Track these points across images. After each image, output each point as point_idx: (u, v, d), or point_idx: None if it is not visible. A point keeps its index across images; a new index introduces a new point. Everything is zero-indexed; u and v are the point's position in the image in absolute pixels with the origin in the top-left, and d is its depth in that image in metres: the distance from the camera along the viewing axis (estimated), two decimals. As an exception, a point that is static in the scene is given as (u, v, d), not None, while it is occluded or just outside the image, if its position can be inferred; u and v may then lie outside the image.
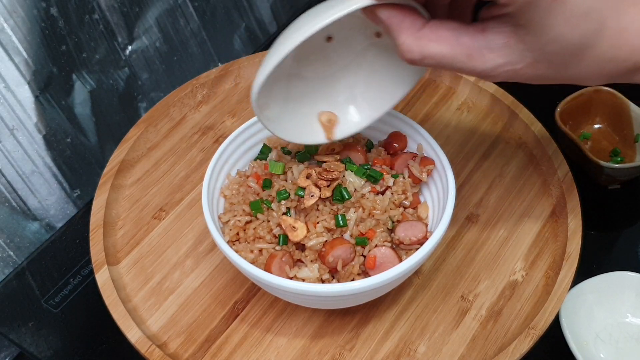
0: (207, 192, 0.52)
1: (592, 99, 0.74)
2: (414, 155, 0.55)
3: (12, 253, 0.72)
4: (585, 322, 0.59)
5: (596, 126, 0.75)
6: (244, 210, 0.52)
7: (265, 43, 0.94)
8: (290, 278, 0.48)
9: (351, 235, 0.50)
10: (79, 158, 0.77)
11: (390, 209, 0.51)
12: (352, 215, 0.50)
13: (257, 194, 0.53)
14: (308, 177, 0.51)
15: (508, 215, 0.59)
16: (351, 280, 0.48)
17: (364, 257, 0.49)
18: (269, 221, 0.51)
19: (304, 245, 0.50)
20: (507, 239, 0.58)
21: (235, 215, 0.52)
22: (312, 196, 0.50)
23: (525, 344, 0.49)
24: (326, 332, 0.52)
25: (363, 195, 0.51)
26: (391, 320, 0.53)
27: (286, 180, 0.52)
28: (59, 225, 0.76)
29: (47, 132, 0.72)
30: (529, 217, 0.59)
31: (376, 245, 0.49)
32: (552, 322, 0.51)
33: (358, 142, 0.56)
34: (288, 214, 0.50)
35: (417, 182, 0.54)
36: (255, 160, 0.57)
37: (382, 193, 0.52)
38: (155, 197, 0.62)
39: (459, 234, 0.58)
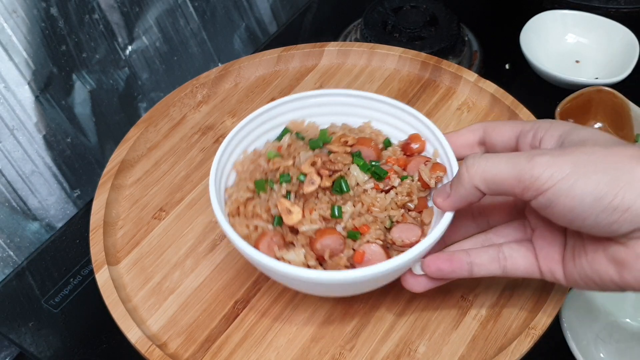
0: (219, 162, 0.52)
1: (592, 99, 0.74)
2: (427, 160, 0.54)
3: (12, 253, 0.72)
4: (585, 322, 0.59)
5: (596, 126, 0.75)
6: (248, 187, 0.53)
7: (265, 43, 0.94)
8: (277, 259, 0.48)
9: (344, 228, 0.50)
10: (79, 158, 0.78)
11: (392, 209, 0.51)
12: (348, 208, 0.50)
13: (265, 174, 0.53)
14: (313, 164, 0.51)
15: (508, 215, 0.59)
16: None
17: (355, 251, 0.49)
18: (268, 201, 0.51)
19: (297, 229, 0.50)
20: (507, 239, 0.57)
21: (239, 190, 0.53)
22: (312, 183, 0.50)
23: (525, 344, 0.49)
24: (326, 332, 0.52)
25: (365, 191, 0.51)
26: (391, 320, 0.53)
27: (293, 165, 0.52)
28: (59, 225, 0.76)
29: (47, 132, 0.72)
30: (529, 217, 0.59)
31: (368, 242, 0.49)
32: (552, 322, 0.51)
33: (373, 138, 0.56)
34: (288, 197, 0.51)
35: (426, 187, 0.53)
36: (274, 141, 0.57)
37: (387, 192, 0.52)
38: (155, 197, 0.62)
39: (459, 234, 0.58)
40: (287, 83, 0.71)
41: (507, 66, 0.88)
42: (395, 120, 0.58)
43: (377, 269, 0.45)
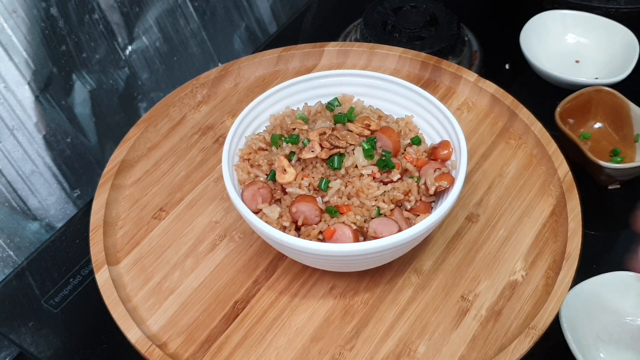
0: (251, 108, 0.56)
1: (592, 99, 0.74)
2: (439, 167, 0.53)
3: (12, 253, 0.72)
4: (585, 322, 0.59)
5: (596, 126, 0.75)
6: (264, 137, 0.55)
7: (265, 43, 0.94)
8: (258, 210, 0.51)
9: (326, 202, 0.51)
10: (79, 158, 0.78)
11: (382, 201, 0.51)
12: (336, 185, 0.51)
13: (287, 131, 0.54)
14: (322, 134, 0.53)
15: (508, 215, 0.59)
16: None
17: (329, 226, 0.50)
18: (274, 156, 0.53)
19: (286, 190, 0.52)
20: (507, 239, 0.58)
21: (257, 139, 0.55)
22: (311, 151, 0.52)
23: (525, 344, 0.49)
24: (326, 332, 0.52)
25: (361, 176, 0.51)
26: (391, 320, 0.53)
27: (307, 130, 0.54)
28: (59, 225, 0.76)
29: (47, 132, 0.72)
30: (529, 217, 0.59)
31: (343, 222, 0.50)
32: (552, 322, 0.51)
33: (405, 132, 0.56)
34: (291, 158, 0.52)
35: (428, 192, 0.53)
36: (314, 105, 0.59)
37: (385, 184, 0.52)
38: (155, 197, 0.62)
39: (459, 234, 0.58)
40: (287, 83, 0.71)
41: (507, 66, 0.88)
42: (435, 122, 0.58)
43: (320, 247, 0.47)
